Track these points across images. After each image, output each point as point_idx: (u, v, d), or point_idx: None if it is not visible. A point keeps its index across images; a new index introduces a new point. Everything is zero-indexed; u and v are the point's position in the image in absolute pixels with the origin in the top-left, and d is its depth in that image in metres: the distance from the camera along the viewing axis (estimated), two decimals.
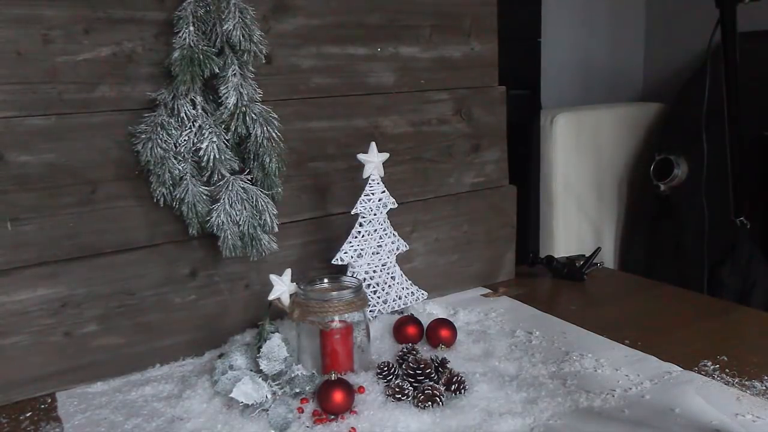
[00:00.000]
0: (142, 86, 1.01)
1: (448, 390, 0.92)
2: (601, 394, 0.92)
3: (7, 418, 0.94)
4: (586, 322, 1.17)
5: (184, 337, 1.10)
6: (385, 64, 1.23)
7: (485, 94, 1.36)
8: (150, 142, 0.98)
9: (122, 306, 1.04)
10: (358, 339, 1.00)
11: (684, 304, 1.30)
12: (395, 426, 0.86)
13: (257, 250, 1.05)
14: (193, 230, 1.03)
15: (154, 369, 1.06)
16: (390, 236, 1.16)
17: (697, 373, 0.98)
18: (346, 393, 0.88)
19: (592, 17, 2.22)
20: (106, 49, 0.98)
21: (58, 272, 0.99)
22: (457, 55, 1.32)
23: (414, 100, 1.28)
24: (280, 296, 0.99)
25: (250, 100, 1.02)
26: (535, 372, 1.00)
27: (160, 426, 0.89)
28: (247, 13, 1.00)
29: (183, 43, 0.96)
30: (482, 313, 1.23)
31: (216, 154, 1.00)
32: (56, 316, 0.99)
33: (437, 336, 1.08)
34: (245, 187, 1.03)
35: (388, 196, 1.13)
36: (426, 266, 1.33)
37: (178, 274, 1.08)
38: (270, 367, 0.91)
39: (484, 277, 1.42)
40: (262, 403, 0.87)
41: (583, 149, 1.92)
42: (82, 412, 0.94)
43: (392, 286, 1.17)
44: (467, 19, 1.31)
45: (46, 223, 0.97)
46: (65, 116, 0.97)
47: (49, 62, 0.95)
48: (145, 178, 1.01)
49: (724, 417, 0.85)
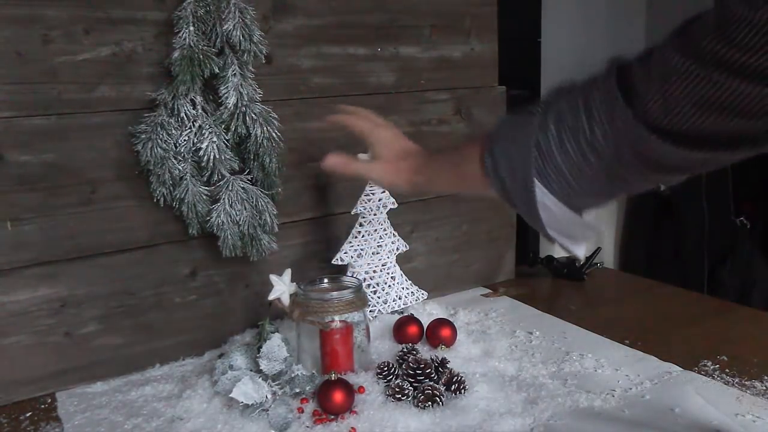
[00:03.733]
0: (142, 86, 1.01)
1: (448, 390, 0.92)
2: (601, 394, 0.92)
3: (7, 418, 0.94)
4: (586, 322, 1.17)
5: (184, 337, 1.10)
6: (385, 64, 1.23)
7: (485, 94, 1.36)
8: (150, 142, 0.98)
9: (122, 306, 1.04)
10: (358, 339, 1.00)
11: (684, 304, 1.30)
12: (395, 426, 0.86)
13: (257, 250, 1.05)
14: (193, 230, 1.03)
15: (154, 369, 1.06)
16: (390, 236, 1.16)
17: (697, 373, 0.98)
18: (346, 393, 0.88)
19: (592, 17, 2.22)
20: (106, 49, 0.98)
21: (58, 272, 0.99)
22: (457, 55, 1.32)
23: (414, 100, 1.28)
24: (280, 296, 0.99)
25: (250, 100, 1.02)
26: (535, 372, 1.00)
27: (160, 426, 0.89)
28: (247, 13, 1.00)
29: (183, 43, 0.96)
30: (482, 313, 1.23)
31: (216, 154, 1.00)
32: (56, 316, 0.99)
33: (437, 336, 1.08)
34: (245, 187, 1.03)
35: (388, 196, 1.13)
36: (426, 266, 1.33)
37: (178, 274, 1.08)
38: (270, 367, 0.91)
39: (484, 277, 1.42)
40: (262, 403, 0.87)
41: None
42: (82, 412, 0.94)
43: (392, 286, 1.17)
44: (467, 19, 1.31)
45: (46, 223, 0.97)
46: (65, 116, 0.97)
47: (49, 62, 0.94)
48: (145, 178, 1.01)
49: (724, 417, 0.85)
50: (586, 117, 0.60)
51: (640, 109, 0.56)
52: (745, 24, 0.47)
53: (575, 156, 0.60)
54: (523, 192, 0.63)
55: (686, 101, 0.53)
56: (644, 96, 0.55)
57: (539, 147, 0.62)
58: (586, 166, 0.60)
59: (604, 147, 0.59)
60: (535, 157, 0.62)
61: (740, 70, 0.49)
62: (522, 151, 0.63)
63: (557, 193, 0.62)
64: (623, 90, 0.57)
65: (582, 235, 0.67)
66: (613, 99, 0.58)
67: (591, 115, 0.59)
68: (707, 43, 0.50)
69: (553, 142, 0.61)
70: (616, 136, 0.58)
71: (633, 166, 0.59)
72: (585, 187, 0.62)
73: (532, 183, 0.62)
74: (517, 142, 0.64)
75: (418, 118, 1.29)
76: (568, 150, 0.61)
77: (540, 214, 0.63)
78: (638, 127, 0.56)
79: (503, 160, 0.65)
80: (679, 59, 0.52)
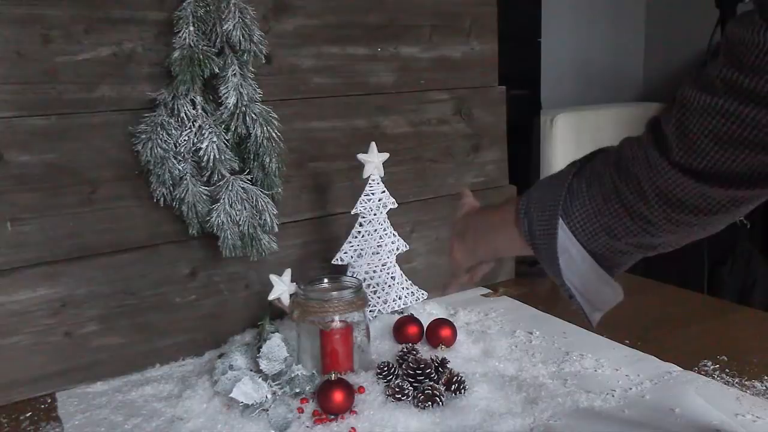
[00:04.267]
0: (142, 86, 1.01)
1: (448, 390, 0.91)
2: (601, 394, 0.92)
3: (7, 418, 0.94)
4: (586, 322, 1.17)
5: (184, 337, 1.10)
6: (385, 64, 1.23)
7: (485, 94, 1.36)
8: (150, 142, 0.98)
9: (122, 306, 1.04)
10: (358, 339, 1.00)
11: (684, 304, 1.30)
12: (395, 426, 0.86)
13: (257, 250, 1.05)
14: (193, 230, 1.03)
15: (154, 369, 1.06)
16: (390, 236, 1.16)
17: (697, 373, 0.98)
18: (346, 393, 0.88)
19: (592, 17, 2.22)
20: (106, 49, 0.98)
21: (58, 272, 0.99)
22: (457, 55, 1.32)
23: (414, 100, 1.28)
24: (280, 296, 0.99)
25: (250, 100, 1.02)
26: (535, 372, 1.00)
27: (160, 426, 0.89)
28: (247, 13, 1.00)
29: (183, 43, 0.96)
30: (482, 313, 1.23)
31: (216, 154, 1.00)
32: (56, 316, 0.99)
33: (437, 336, 1.08)
34: (245, 187, 1.03)
35: (388, 196, 1.13)
36: (426, 266, 1.33)
37: (178, 274, 1.08)
38: (270, 367, 0.91)
39: (484, 277, 1.42)
40: (262, 403, 0.87)
41: (583, 149, 1.90)
42: (82, 412, 0.94)
43: (392, 286, 1.17)
44: (467, 19, 1.31)
45: (46, 223, 0.97)
46: (65, 116, 0.97)
47: (49, 62, 0.95)
48: (145, 178, 1.01)
49: (724, 417, 0.85)
50: (615, 161, 0.62)
51: (666, 150, 0.57)
52: (751, 46, 0.48)
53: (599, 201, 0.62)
54: (546, 227, 0.65)
55: (703, 136, 0.53)
56: (668, 138, 0.56)
57: (570, 189, 0.64)
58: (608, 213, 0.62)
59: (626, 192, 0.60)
60: (564, 197, 0.64)
61: (751, 96, 0.49)
62: (555, 191, 0.65)
63: (579, 233, 0.64)
64: (654, 135, 0.58)
65: (602, 296, 0.70)
66: (643, 143, 0.59)
67: (619, 162, 0.61)
68: (717, 72, 0.51)
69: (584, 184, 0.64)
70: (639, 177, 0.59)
71: (654, 206, 0.59)
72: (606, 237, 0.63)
73: (556, 219, 0.64)
74: (552, 186, 0.67)
75: (418, 118, 1.29)
76: (594, 194, 0.63)
77: (558, 253, 0.64)
78: (662, 165, 0.57)
79: (535, 200, 0.67)
80: (693, 94, 0.53)
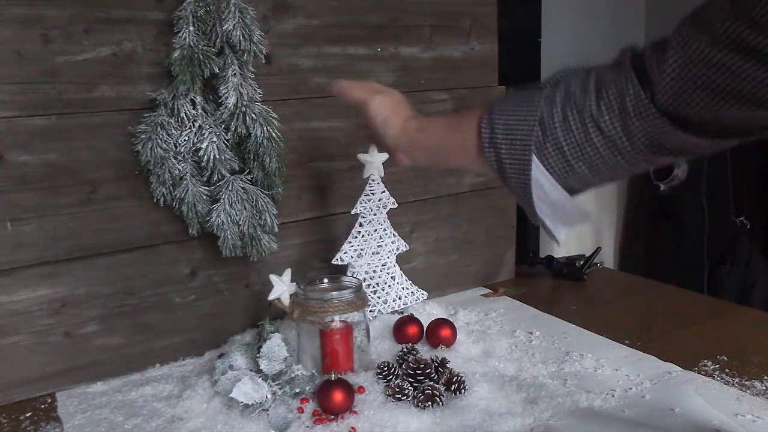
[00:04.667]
0: (142, 86, 1.01)
1: (448, 390, 0.92)
2: (601, 394, 0.92)
3: (7, 418, 0.94)
4: (586, 322, 1.17)
5: (184, 337, 1.10)
6: (385, 64, 1.23)
7: (485, 94, 1.36)
8: (150, 142, 0.98)
9: (122, 306, 1.04)
10: (358, 339, 1.00)
11: (684, 304, 1.30)
12: (395, 426, 0.86)
13: (257, 250, 1.05)
14: (193, 230, 1.03)
15: (154, 369, 1.06)
16: (390, 236, 1.16)
17: (697, 373, 0.98)
18: (346, 393, 0.88)
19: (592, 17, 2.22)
20: (106, 49, 0.98)
21: (58, 272, 0.99)
22: (457, 55, 1.32)
23: (414, 100, 1.27)
24: (280, 296, 0.99)
25: (250, 100, 1.02)
26: (535, 372, 1.00)
27: (160, 426, 0.89)
28: (247, 13, 1.00)
29: (183, 43, 0.96)
30: (482, 313, 1.23)
31: (216, 154, 1.00)
32: (56, 316, 0.99)
33: (437, 336, 1.08)
34: (245, 187, 1.03)
35: (388, 196, 1.13)
36: (426, 266, 1.33)
37: (178, 274, 1.08)
38: (270, 367, 0.91)
39: (484, 277, 1.42)
40: (262, 403, 0.87)
41: None
42: (82, 412, 0.94)
43: (392, 286, 1.17)
44: (467, 19, 1.31)
45: (46, 223, 0.97)
46: (65, 116, 0.97)
47: (49, 62, 0.94)
48: (145, 178, 1.01)
49: (724, 417, 0.85)
50: (596, 96, 0.59)
51: (652, 93, 0.55)
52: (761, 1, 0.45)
53: (577, 135, 0.59)
54: (519, 165, 0.62)
55: (697, 87, 0.51)
56: (656, 81, 0.55)
57: (542, 122, 0.60)
58: (588, 146, 0.59)
59: (610, 127, 0.58)
60: (536, 131, 0.60)
61: (754, 53, 0.47)
62: (523, 124, 0.61)
63: (554, 170, 0.61)
64: (637, 73, 0.56)
65: (572, 219, 0.65)
66: (627, 80, 0.57)
67: (600, 95, 0.58)
68: (722, 23, 0.48)
69: (557, 118, 0.60)
70: (624, 117, 0.57)
71: (639, 147, 0.57)
72: (583, 168, 0.61)
73: (529, 157, 0.61)
74: (519, 114, 0.62)
75: None
76: (572, 128, 0.59)
77: (532, 190, 0.62)
78: (649, 109, 0.55)
79: (502, 130, 0.63)
80: (693, 42, 0.51)
